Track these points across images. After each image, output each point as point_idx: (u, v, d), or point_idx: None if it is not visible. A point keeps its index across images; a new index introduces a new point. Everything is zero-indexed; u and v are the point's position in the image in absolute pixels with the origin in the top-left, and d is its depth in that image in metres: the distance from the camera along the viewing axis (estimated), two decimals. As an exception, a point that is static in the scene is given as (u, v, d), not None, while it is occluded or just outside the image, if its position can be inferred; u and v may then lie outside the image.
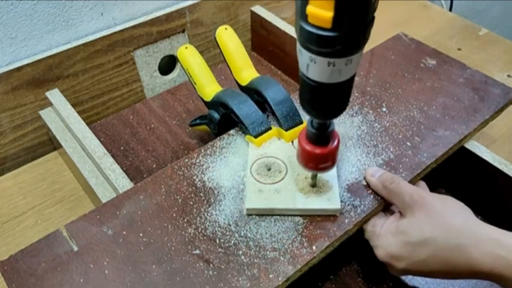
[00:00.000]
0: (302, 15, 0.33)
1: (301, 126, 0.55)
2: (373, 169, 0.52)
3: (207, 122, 0.63)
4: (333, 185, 0.50)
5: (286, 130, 0.55)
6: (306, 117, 0.53)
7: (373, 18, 0.34)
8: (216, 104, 0.59)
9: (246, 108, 0.56)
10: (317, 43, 0.34)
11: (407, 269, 0.47)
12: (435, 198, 0.47)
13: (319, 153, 0.45)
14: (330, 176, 0.51)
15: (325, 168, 0.47)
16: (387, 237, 0.47)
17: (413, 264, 0.45)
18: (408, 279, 0.55)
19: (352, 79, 0.38)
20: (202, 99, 0.62)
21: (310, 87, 0.38)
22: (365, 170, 0.52)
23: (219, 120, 0.60)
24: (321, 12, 0.32)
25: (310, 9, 0.32)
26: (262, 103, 0.57)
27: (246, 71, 0.62)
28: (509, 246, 0.41)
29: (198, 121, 0.67)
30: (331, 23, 0.32)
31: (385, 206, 0.51)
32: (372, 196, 0.51)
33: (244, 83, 0.61)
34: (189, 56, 0.62)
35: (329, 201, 0.49)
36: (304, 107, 0.41)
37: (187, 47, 0.63)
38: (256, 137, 0.55)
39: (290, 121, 0.55)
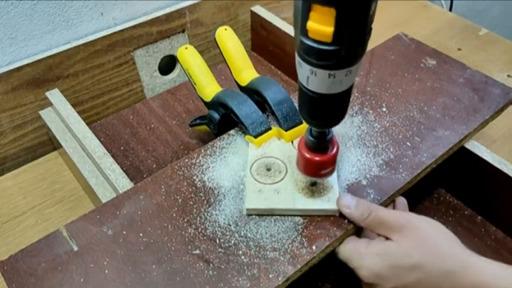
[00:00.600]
0: (302, 30, 0.33)
1: (301, 126, 0.55)
2: (347, 199, 0.48)
3: (207, 122, 0.63)
4: (332, 185, 0.50)
5: (286, 130, 0.55)
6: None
7: (371, 29, 0.34)
8: (216, 104, 0.59)
9: (245, 108, 0.56)
10: (318, 57, 0.34)
11: None
12: (422, 221, 0.46)
13: (319, 161, 0.45)
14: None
15: (325, 175, 0.47)
16: (373, 258, 0.45)
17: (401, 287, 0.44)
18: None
19: (351, 88, 0.38)
20: (202, 100, 0.62)
21: (310, 98, 0.38)
22: (338, 198, 0.48)
23: (219, 121, 0.60)
24: (322, 27, 0.32)
25: (311, 25, 0.32)
26: (262, 103, 0.57)
27: (245, 71, 0.62)
28: (495, 275, 0.41)
29: (198, 121, 0.67)
30: (332, 38, 0.32)
31: (358, 230, 0.49)
32: (371, 196, 0.51)
33: (244, 84, 0.61)
34: (189, 56, 0.62)
35: (329, 201, 0.49)
36: (304, 116, 0.41)
37: (187, 47, 0.63)
38: (256, 137, 0.55)
39: (290, 121, 0.55)
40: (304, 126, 0.55)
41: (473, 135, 0.59)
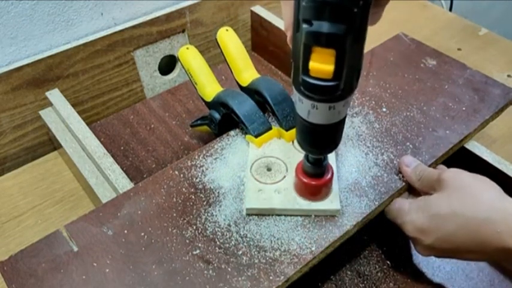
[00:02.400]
0: (304, 70, 0.36)
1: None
2: (409, 159, 0.53)
3: (207, 122, 0.63)
4: (333, 185, 0.50)
5: (287, 130, 0.55)
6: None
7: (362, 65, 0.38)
8: (217, 104, 0.59)
9: (246, 108, 0.56)
10: (319, 92, 0.37)
11: (434, 246, 0.47)
12: (464, 174, 0.49)
13: (316, 185, 0.48)
14: None
15: (321, 198, 0.49)
16: (416, 212, 0.48)
17: (441, 239, 0.46)
18: (412, 280, 0.55)
19: (345, 116, 0.42)
20: (203, 99, 0.62)
21: (311, 130, 0.41)
22: (400, 158, 0.54)
23: (220, 120, 0.60)
24: (323, 66, 0.35)
25: (313, 65, 0.35)
26: (262, 103, 0.57)
27: (247, 72, 0.62)
28: None
29: (199, 122, 0.67)
30: (332, 74, 0.35)
31: (410, 188, 0.53)
32: (371, 196, 0.51)
33: (245, 84, 0.61)
34: (190, 56, 0.62)
35: (329, 201, 0.49)
36: (303, 146, 0.44)
37: (188, 48, 0.63)
38: (256, 136, 0.55)
39: (290, 121, 0.55)
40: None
41: (473, 135, 0.59)
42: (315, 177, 0.48)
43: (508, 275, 0.54)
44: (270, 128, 0.56)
